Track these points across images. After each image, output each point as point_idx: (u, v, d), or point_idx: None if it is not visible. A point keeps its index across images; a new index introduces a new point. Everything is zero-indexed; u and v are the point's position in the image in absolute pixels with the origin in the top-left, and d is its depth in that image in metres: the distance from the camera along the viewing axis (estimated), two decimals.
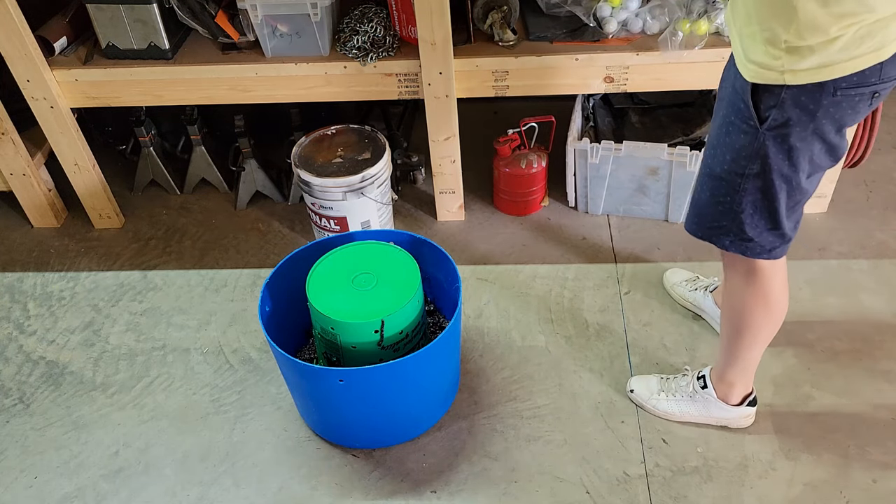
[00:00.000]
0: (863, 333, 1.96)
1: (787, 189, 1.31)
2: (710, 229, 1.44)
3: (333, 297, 1.64)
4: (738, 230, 1.39)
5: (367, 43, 2.06)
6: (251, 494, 1.72)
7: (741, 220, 1.37)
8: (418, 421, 1.80)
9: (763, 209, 1.35)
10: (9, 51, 2.01)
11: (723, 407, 1.72)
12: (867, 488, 1.65)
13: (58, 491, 1.75)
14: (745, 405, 1.72)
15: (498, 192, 2.42)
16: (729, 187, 1.35)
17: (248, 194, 2.52)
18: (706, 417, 1.76)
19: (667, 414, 1.79)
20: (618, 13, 2.05)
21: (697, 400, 1.75)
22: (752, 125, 1.25)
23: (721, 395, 1.72)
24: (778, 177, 1.29)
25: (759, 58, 1.19)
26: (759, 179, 1.31)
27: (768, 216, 1.36)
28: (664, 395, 1.79)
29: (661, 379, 1.82)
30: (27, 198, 2.42)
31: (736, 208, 1.36)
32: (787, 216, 1.37)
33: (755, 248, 1.41)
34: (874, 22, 1.11)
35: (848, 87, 1.17)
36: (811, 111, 1.20)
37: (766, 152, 1.27)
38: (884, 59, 1.15)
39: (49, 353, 2.07)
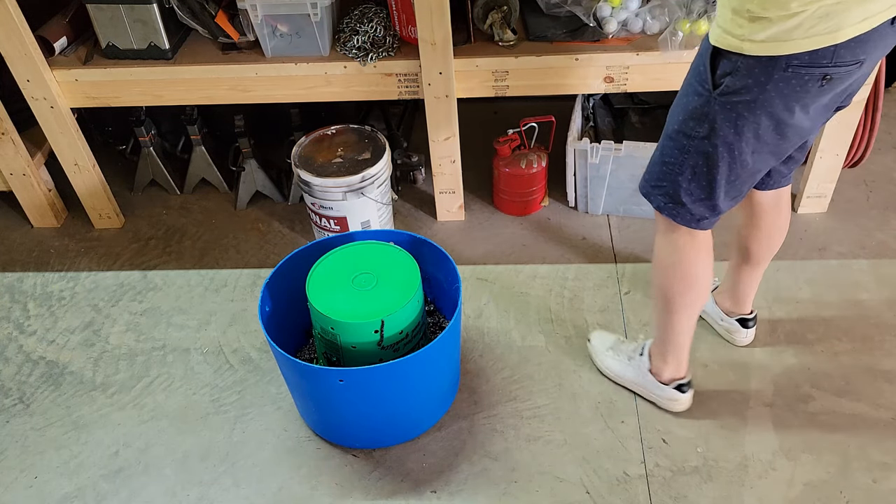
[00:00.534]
0: (863, 333, 1.96)
1: (728, 160, 1.34)
2: (652, 187, 1.48)
3: (333, 297, 1.64)
4: (674, 192, 1.43)
5: (367, 43, 2.07)
6: (251, 494, 1.72)
7: (678, 183, 1.41)
8: (418, 421, 1.80)
9: (702, 175, 1.38)
10: (9, 51, 2.01)
11: (652, 380, 1.78)
12: (867, 488, 1.65)
13: (58, 491, 1.75)
14: (674, 388, 1.76)
15: (498, 192, 2.42)
16: (675, 147, 1.38)
17: (248, 194, 2.52)
18: (639, 386, 1.82)
19: (607, 370, 1.87)
20: (618, 13, 2.05)
21: (633, 366, 1.82)
22: (706, 88, 1.28)
23: (654, 369, 1.77)
24: (722, 144, 1.32)
25: (725, 23, 1.22)
26: (704, 143, 1.33)
27: (706, 184, 1.39)
28: (611, 353, 1.87)
29: (617, 339, 1.90)
30: (27, 198, 2.42)
31: (677, 170, 1.40)
32: (725, 189, 1.39)
33: (685, 215, 1.45)
34: (835, 3, 1.13)
35: (800, 65, 1.19)
36: (762, 83, 1.22)
37: (715, 117, 1.29)
38: (838, 42, 1.16)
39: (49, 353, 2.07)
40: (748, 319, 1.90)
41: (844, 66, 1.20)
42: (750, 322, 1.90)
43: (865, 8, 1.14)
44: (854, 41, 1.17)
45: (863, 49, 1.19)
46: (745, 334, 1.91)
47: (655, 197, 1.48)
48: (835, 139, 2.15)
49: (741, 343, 1.93)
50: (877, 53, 1.24)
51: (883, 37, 1.20)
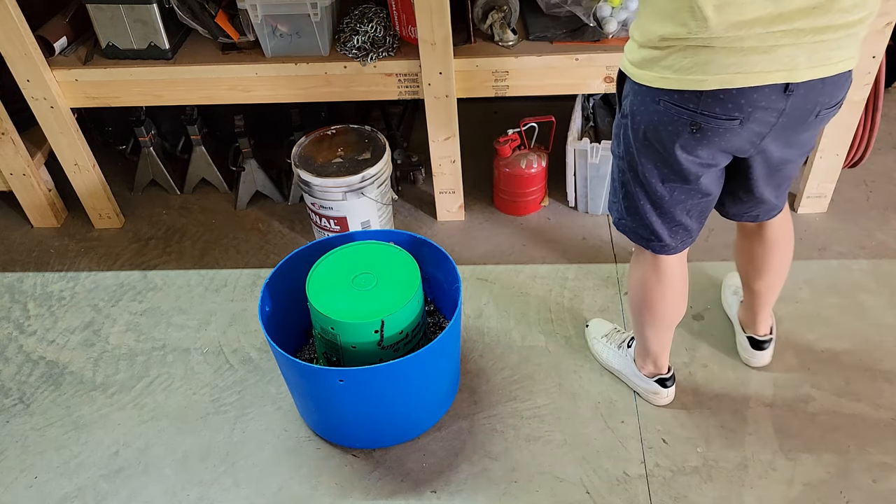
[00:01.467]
0: (863, 333, 1.96)
1: (641, 186, 1.36)
2: (609, 201, 1.52)
3: (333, 297, 1.64)
4: (620, 210, 1.46)
5: (367, 43, 2.06)
6: (251, 494, 1.72)
7: (620, 201, 1.44)
8: (418, 421, 1.80)
9: (629, 197, 1.40)
10: (9, 51, 2.01)
11: (634, 371, 1.81)
12: (867, 488, 1.65)
13: (58, 491, 1.75)
14: (654, 381, 1.78)
15: (498, 192, 2.42)
16: (614, 165, 1.43)
17: (248, 194, 2.52)
18: (624, 375, 1.86)
19: (598, 356, 1.91)
20: (618, 13, 2.05)
21: (620, 356, 1.86)
22: (617, 110, 1.34)
23: (637, 363, 1.80)
24: (631, 168, 1.35)
25: (627, 44, 1.27)
26: (622, 164, 1.37)
27: (634, 207, 1.41)
28: (604, 340, 1.91)
29: (613, 328, 1.93)
30: (27, 198, 2.42)
31: (617, 188, 1.44)
32: (656, 216, 1.40)
33: (632, 234, 1.48)
34: (701, 47, 1.11)
35: (670, 103, 1.20)
36: (645, 112, 1.25)
37: (625, 139, 1.33)
38: (703, 90, 1.14)
39: (49, 353, 2.07)
40: (760, 341, 1.84)
41: (715, 118, 1.17)
42: (763, 344, 1.84)
43: (742, 60, 1.11)
44: (724, 94, 1.13)
45: (737, 106, 1.15)
46: (754, 355, 1.86)
47: (612, 212, 1.52)
48: (835, 139, 2.15)
49: (752, 364, 1.87)
50: (763, 117, 1.17)
51: (771, 102, 1.15)
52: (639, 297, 1.60)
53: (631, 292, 1.63)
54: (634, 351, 1.80)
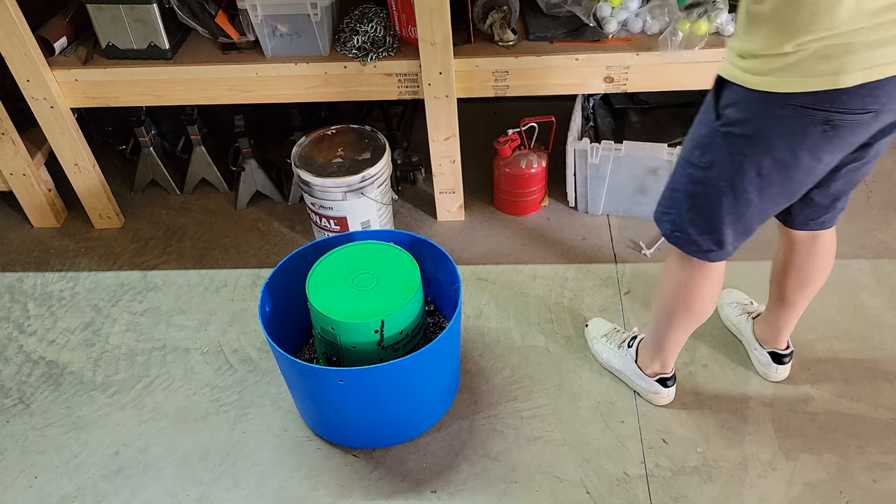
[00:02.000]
0: (863, 333, 1.96)
1: (731, 195, 1.30)
2: (661, 213, 1.46)
3: (333, 297, 1.64)
4: (679, 221, 1.41)
5: (367, 43, 2.06)
6: (251, 494, 1.72)
7: (682, 212, 1.39)
8: (418, 421, 1.80)
9: (704, 207, 1.35)
10: (9, 51, 2.01)
11: (636, 371, 1.80)
12: (867, 488, 1.65)
13: (58, 491, 1.75)
14: (656, 381, 1.78)
15: (498, 192, 2.42)
16: (682, 175, 1.36)
17: (248, 194, 2.52)
18: (624, 375, 1.85)
19: (597, 356, 1.91)
20: (618, 13, 2.05)
21: (621, 355, 1.85)
22: (711, 118, 1.26)
23: (640, 363, 1.79)
24: (724, 178, 1.29)
25: (731, 55, 1.21)
26: (706, 174, 1.31)
27: (708, 217, 1.36)
28: (604, 340, 1.91)
29: (613, 328, 1.93)
30: (27, 198, 2.42)
31: (682, 199, 1.38)
32: (730, 225, 1.36)
33: (689, 246, 1.43)
34: (837, 45, 1.07)
35: (800, 106, 1.14)
36: (760, 119, 1.19)
37: (718, 149, 1.27)
38: (841, 87, 1.10)
39: (49, 353, 2.07)
40: (782, 355, 1.82)
41: (851, 114, 1.13)
42: (784, 358, 1.82)
43: (875, 53, 1.08)
44: (863, 88, 1.10)
45: (875, 98, 1.11)
46: (777, 370, 1.84)
47: (663, 223, 1.45)
48: None
49: (773, 379, 1.85)
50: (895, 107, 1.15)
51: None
52: (676, 299, 1.55)
53: (666, 292, 1.57)
54: (639, 350, 1.79)
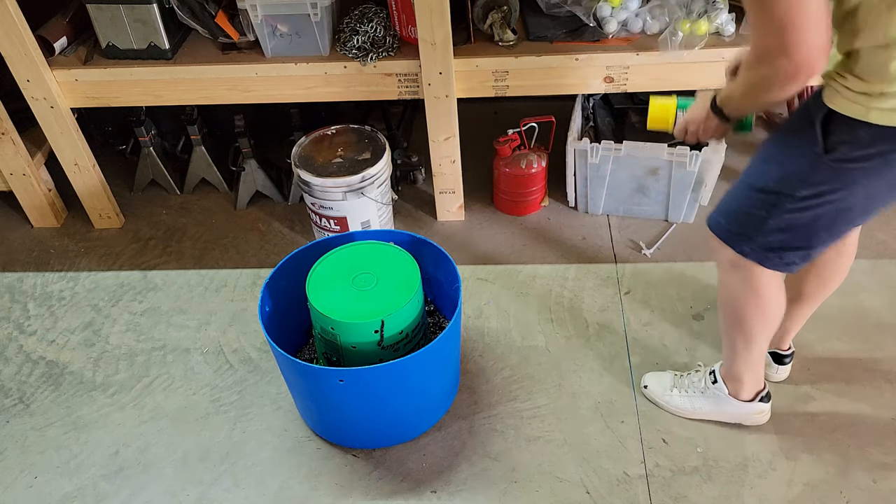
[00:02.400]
0: (863, 333, 1.96)
1: (834, 217, 1.29)
2: (734, 235, 1.42)
3: (333, 297, 1.64)
4: (764, 242, 1.37)
5: (367, 43, 2.06)
6: (251, 494, 1.72)
7: (768, 234, 1.35)
8: (418, 421, 1.80)
9: (802, 230, 1.32)
10: (9, 51, 2.01)
11: (734, 403, 1.72)
12: (867, 488, 1.65)
13: (58, 491, 1.75)
14: (758, 401, 1.71)
15: (498, 192, 2.42)
16: (768, 203, 1.32)
17: (248, 194, 2.52)
18: (719, 413, 1.76)
19: (680, 410, 1.79)
20: (618, 13, 2.05)
21: (709, 396, 1.75)
22: (816, 152, 1.21)
23: (732, 391, 1.71)
24: (829, 205, 1.26)
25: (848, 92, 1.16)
26: (806, 202, 1.27)
27: (805, 238, 1.34)
28: (677, 392, 1.79)
29: (674, 375, 1.82)
30: (27, 198, 2.42)
31: (769, 223, 1.34)
32: (826, 242, 1.35)
33: (774, 261, 1.40)
34: None
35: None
36: (885, 153, 1.17)
37: (824, 181, 1.23)
38: None
39: (49, 353, 2.07)
40: (783, 356, 1.82)
41: None
42: (786, 359, 1.82)
43: None
44: None
45: None
46: (777, 370, 1.84)
47: (740, 244, 1.41)
48: None
49: (774, 379, 1.85)
50: None
51: None
52: (753, 312, 1.52)
53: (739, 309, 1.53)
54: (726, 380, 1.71)
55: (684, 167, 2.16)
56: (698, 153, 2.13)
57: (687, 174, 2.18)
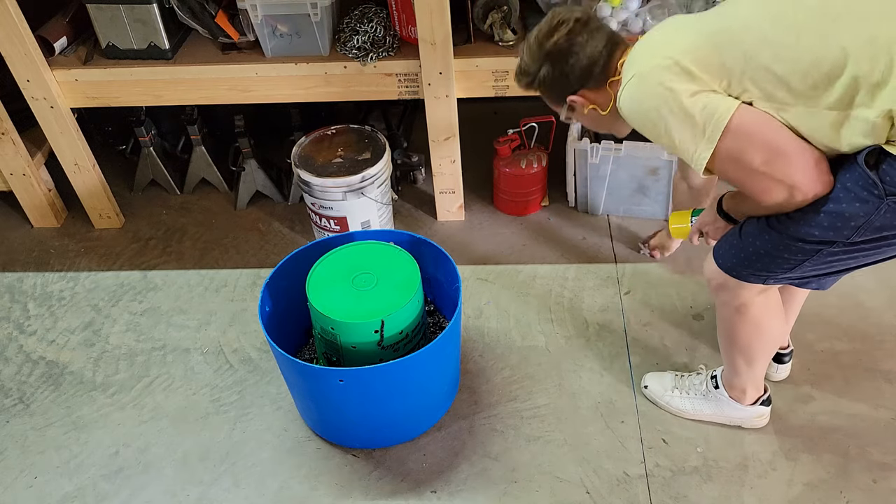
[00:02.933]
0: (863, 333, 1.96)
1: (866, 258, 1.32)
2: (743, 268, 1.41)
3: (333, 297, 1.64)
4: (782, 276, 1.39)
5: (367, 43, 2.07)
6: (251, 494, 1.72)
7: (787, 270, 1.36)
8: (418, 421, 1.80)
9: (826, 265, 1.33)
10: (9, 51, 2.01)
11: (735, 406, 1.72)
12: (867, 488, 1.65)
13: (58, 491, 1.75)
14: (759, 405, 1.72)
15: (498, 192, 2.42)
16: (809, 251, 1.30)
17: (248, 194, 2.52)
18: (720, 416, 1.76)
19: (680, 411, 1.79)
20: (618, 13, 2.05)
21: (710, 399, 1.75)
22: (875, 195, 1.19)
23: (735, 397, 1.72)
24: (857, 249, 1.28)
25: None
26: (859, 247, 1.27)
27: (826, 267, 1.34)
28: (678, 393, 1.79)
29: (675, 376, 1.82)
30: (27, 198, 2.42)
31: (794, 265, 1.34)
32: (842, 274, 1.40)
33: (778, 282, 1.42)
34: None
35: None
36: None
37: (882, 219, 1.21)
38: None
39: (49, 353, 2.07)
40: (783, 354, 1.82)
41: None
42: (785, 357, 1.82)
43: None
44: None
45: None
46: (777, 369, 1.84)
47: (747, 276, 1.42)
48: None
49: (774, 378, 1.84)
50: None
51: None
52: (754, 341, 1.54)
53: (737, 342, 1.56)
54: (727, 385, 1.72)
55: None
56: None
57: None
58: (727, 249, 1.45)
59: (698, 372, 1.81)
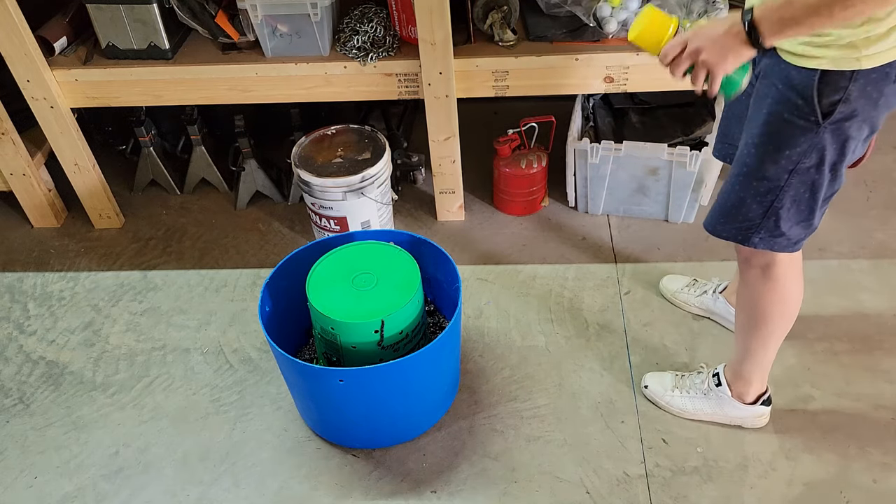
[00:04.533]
0: (863, 333, 1.96)
1: (831, 179, 1.32)
2: (741, 229, 1.42)
3: (333, 297, 1.64)
4: (772, 226, 1.38)
5: (367, 43, 2.07)
6: (251, 494, 1.72)
7: (779, 216, 1.37)
8: (418, 421, 1.80)
9: (804, 202, 1.35)
10: (9, 51, 2.01)
11: (736, 405, 1.72)
12: (867, 488, 1.65)
13: (58, 491, 1.75)
14: (760, 404, 1.72)
15: (498, 192, 2.42)
16: (773, 184, 1.33)
17: (248, 194, 2.52)
18: (720, 416, 1.76)
19: (681, 411, 1.78)
20: (618, 13, 2.05)
21: (711, 397, 1.75)
22: (812, 121, 1.23)
23: (736, 394, 1.72)
24: (829, 168, 1.30)
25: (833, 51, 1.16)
26: (809, 173, 1.30)
27: (807, 209, 1.36)
28: (678, 392, 1.79)
29: (675, 376, 1.82)
30: (27, 198, 2.42)
31: (777, 204, 1.35)
32: (821, 207, 1.37)
33: (783, 243, 1.41)
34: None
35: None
36: (874, 100, 1.20)
37: (824, 145, 1.25)
38: None
39: (49, 353, 2.07)
40: None
41: None
42: None
43: None
44: None
45: None
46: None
47: (748, 236, 1.42)
48: None
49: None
50: None
51: None
52: (771, 306, 1.52)
53: (763, 309, 1.53)
54: (730, 382, 1.71)
55: (684, 167, 2.16)
56: (698, 153, 2.13)
57: (687, 174, 2.18)
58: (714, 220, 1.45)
59: (699, 371, 1.80)
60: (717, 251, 2.22)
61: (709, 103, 2.36)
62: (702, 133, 2.28)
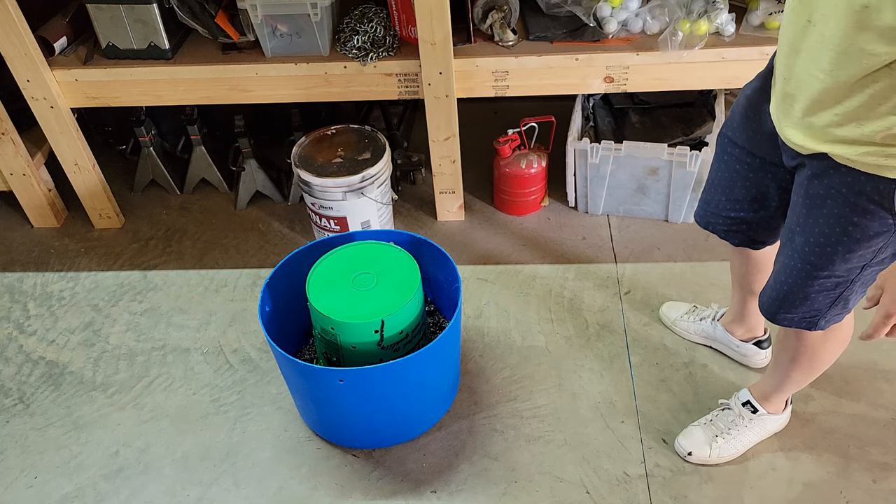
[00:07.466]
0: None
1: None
2: (806, 318, 1.40)
3: (333, 297, 1.64)
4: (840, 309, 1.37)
5: (367, 43, 2.07)
6: (251, 494, 1.72)
7: (847, 300, 1.35)
8: (418, 421, 1.80)
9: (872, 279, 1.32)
10: (9, 51, 2.01)
11: (775, 419, 1.71)
12: (867, 488, 1.65)
13: (58, 491, 1.75)
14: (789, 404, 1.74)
15: (498, 192, 2.42)
16: (843, 279, 1.31)
17: (248, 194, 2.52)
18: (763, 435, 1.73)
19: (736, 453, 1.71)
20: (618, 13, 2.05)
21: (755, 425, 1.71)
22: (890, 223, 1.20)
23: (773, 410, 1.70)
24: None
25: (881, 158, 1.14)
26: (884, 262, 1.28)
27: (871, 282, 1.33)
28: (721, 439, 1.71)
29: (705, 426, 1.73)
30: (27, 198, 2.42)
31: (847, 293, 1.34)
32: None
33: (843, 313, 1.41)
34: None
35: None
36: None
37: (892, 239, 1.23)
38: None
39: (49, 353, 2.07)
40: (762, 340, 1.86)
41: None
42: (764, 343, 1.86)
43: None
44: None
45: None
46: (763, 355, 1.86)
47: (818, 324, 1.41)
48: None
49: (758, 365, 1.87)
50: None
51: None
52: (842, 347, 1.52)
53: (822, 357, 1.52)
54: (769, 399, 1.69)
55: (684, 167, 2.16)
56: (698, 153, 2.14)
57: (687, 174, 2.18)
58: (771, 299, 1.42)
59: (723, 408, 1.74)
60: (717, 251, 2.22)
61: (709, 103, 2.36)
62: (702, 133, 2.28)
